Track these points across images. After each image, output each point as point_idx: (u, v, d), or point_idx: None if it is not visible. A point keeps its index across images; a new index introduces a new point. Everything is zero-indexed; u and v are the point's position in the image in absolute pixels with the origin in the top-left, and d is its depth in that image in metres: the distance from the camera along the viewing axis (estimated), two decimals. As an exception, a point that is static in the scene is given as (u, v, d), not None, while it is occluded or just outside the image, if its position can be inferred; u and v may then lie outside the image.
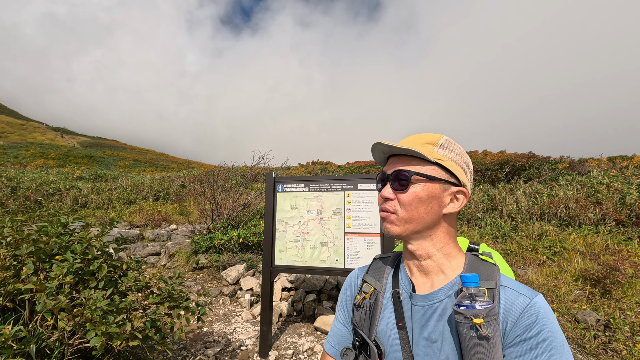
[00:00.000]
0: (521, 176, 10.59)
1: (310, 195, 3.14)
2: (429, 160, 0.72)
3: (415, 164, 0.73)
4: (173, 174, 18.16)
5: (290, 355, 3.08)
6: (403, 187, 0.72)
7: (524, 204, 6.80)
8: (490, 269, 0.70)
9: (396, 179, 0.73)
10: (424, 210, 0.72)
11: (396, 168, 0.74)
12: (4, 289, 1.89)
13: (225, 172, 8.81)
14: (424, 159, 0.72)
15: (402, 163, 0.74)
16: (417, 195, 0.71)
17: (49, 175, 14.65)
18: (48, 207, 9.92)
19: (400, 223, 0.73)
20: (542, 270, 4.32)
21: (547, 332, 0.61)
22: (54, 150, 31.85)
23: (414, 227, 0.73)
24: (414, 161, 0.73)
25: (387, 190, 0.75)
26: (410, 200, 0.72)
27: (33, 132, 55.93)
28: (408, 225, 0.73)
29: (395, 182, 0.74)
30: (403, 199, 0.72)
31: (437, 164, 0.72)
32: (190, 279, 5.21)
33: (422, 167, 0.72)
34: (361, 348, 0.78)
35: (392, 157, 0.78)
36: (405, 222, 0.73)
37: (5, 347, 1.59)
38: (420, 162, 0.73)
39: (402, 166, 0.73)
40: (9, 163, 22.19)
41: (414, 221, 0.72)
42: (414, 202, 0.72)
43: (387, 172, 0.76)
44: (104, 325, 1.73)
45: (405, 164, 0.73)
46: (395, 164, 0.75)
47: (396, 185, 0.73)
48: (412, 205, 0.72)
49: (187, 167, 33.67)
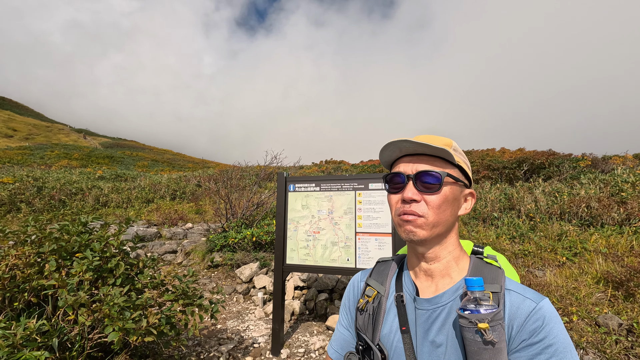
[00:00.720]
0: (540, 174, 10.27)
1: (321, 195, 3.15)
2: (451, 162, 0.71)
3: (439, 165, 0.70)
4: (189, 174, 18.55)
5: (302, 353, 3.11)
6: (433, 189, 0.68)
7: (543, 203, 6.59)
8: (495, 272, 0.69)
9: (423, 180, 0.69)
10: (450, 212, 0.70)
11: (422, 168, 0.70)
12: (28, 285, 1.99)
13: (239, 171, 8.93)
14: (446, 161, 0.71)
15: (425, 163, 0.70)
16: (446, 197, 0.69)
17: (72, 175, 15.23)
18: (71, 205, 10.31)
19: (428, 227, 0.69)
20: (562, 271, 4.19)
21: (553, 336, 0.60)
22: (77, 151, 33.10)
23: (439, 231, 0.70)
24: (438, 162, 0.70)
25: (412, 191, 0.69)
26: (441, 202, 0.69)
27: (58, 133, 58.24)
28: (435, 229, 0.69)
29: (420, 182, 0.69)
30: (433, 201, 0.68)
31: (458, 165, 0.72)
32: (205, 276, 5.32)
33: (447, 169, 0.70)
34: (364, 352, 0.76)
35: (407, 157, 0.73)
36: (433, 225, 0.69)
37: (30, 340, 1.67)
38: (443, 163, 0.71)
39: (428, 166, 0.70)
40: (35, 164, 23.20)
41: (441, 224, 0.69)
42: (443, 204, 0.69)
43: (407, 172, 0.71)
44: (121, 320, 1.79)
45: (429, 164, 0.70)
46: (415, 163, 0.71)
47: (422, 186, 0.69)
48: (441, 207, 0.69)
49: (203, 166, 34.32)
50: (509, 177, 10.88)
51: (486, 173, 11.32)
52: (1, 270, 1.96)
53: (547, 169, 10.49)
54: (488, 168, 11.71)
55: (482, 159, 13.94)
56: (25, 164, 22.86)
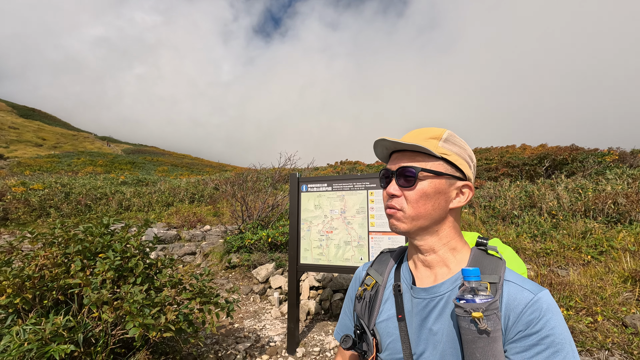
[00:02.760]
0: (563, 171, 9.90)
1: (333, 194, 3.17)
2: (434, 155, 0.71)
3: (421, 159, 0.72)
4: (207, 177, 18.96)
5: (317, 352, 3.13)
6: (410, 184, 0.71)
7: (566, 200, 6.36)
8: (495, 263, 0.69)
9: (402, 175, 0.72)
10: (431, 206, 0.71)
11: (401, 164, 0.73)
12: (56, 284, 2.11)
13: (255, 174, 9.07)
14: (429, 154, 0.72)
15: (407, 159, 0.73)
16: (424, 191, 0.71)
17: (97, 181, 15.88)
18: (96, 210, 10.76)
19: (408, 220, 0.72)
20: (586, 270, 4.03)
21: (550, 327, 0.59)
22: (101, 158, 34.47)
23: (422, 224, 0.72)
24: (419, 156, 0.72)
25: (393, 187, 0.73)
26: (417, 196, 0.71)
27: (83, 141, 60.83)
28: (415, 222, 0.72)
29: (401, 178, 0.72)
30: (410, 196, 0.71)
31: (442, 158, 0.72)
32: (223, 277, 5.43)
33: (428, 163, 0.71)
34: (361, 337, 0.80)
35: (396, 153, 0.76)
36: (412, 219, 0.72)
37: (57, 335, 1.77)
38: (425, 157, 0.72)
39: (407, 162, 0.72)
40: (63, 170, 24.32)
41: (421, 217, 0.71)
42: (421, 198, 0.71)
43: (391, 168, 0.75)
44: (140, 317, 1.87)
45: (410, 160, 0.72)
46: (399, 160, 0.74)
47: (402, 181, 0.72)
48: (419, 201, 0.71)
49: (220, 170, 35.01)
50: (530, 174, 10.55)
51: (505, 170, 11.01)
52: (31, 270, 2.09)
53: (570, 165, 10.10)
54: (507, 165, 11.39)
55: (502, 156, 13.57)
56: (54, 171, 24.02)
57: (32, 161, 28.18)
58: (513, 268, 0.76)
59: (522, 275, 0.71)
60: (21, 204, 9.86)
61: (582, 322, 2.99)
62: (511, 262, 0.77)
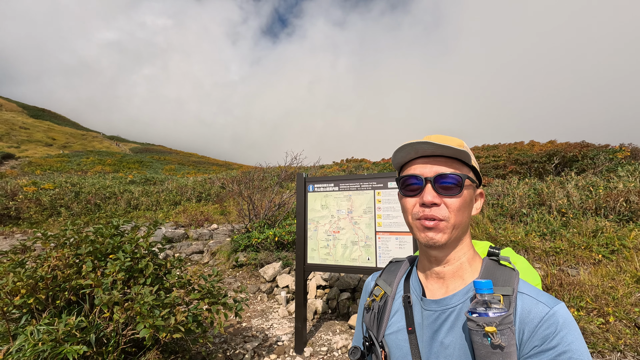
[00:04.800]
0: (573, 168, 9.74)
1: (340, 194, 3.16)
2: (467, 164, 0.70)
3: (457, 167, 0.69)
4: (214, 176, 19.08)
5: (325, 352, 3.14)
6: (455, 192, 0.67)
7: (576, 197, 6.26)
8: (508, 274, 0.67)
9: (443, 182, 0.68)
10: (467, 214, 0.70)
11: (442, 171, 0.68)
12: (68, 285, 2.14)
13: (261, 172, 9.10)
14: (463, 162, 0.70)
15: (444, 165, 0.69)
16: (465, 199, 0.69)
17: (105, 180, 16.08)
18: (106, 209, 10.91)
19: (449, 230, 0.67)
20: (597, 270, 3.97)
21: (567, 343, 0.57)
22: (109, 157, 34.90)
23: (457, 233, 0.69)
24: (455, 164, 0.69)
25: (432, 195, 0.67)
26: (461, 204, 0.68)
27: (92, 141, 61.64)
28: (455, 232, 0.68)
29: (441, 185, 0.68)
30: (454, 204, 0.67)
31: (471, 166, 0.71)
32: (231, 276, 5.47)
33: (464, 170, 0.70)
34: (370, 348, 0.79)
35: (423, 158, 0.71)
36: (453, 228, 0.68)
37: (70, 335, 1.81)
38: (460, 165, 0.70)
39: (448, 168, 0.68)
40: (73, 170, 24.69)
41: (459, 227, 0.69)
42: (462, 206, 0.68)
43: (425, 174, 0.69)
44: (151, 318, 1.89)
45: (449, 166, 0.69)
46: (433, 165, 0.69)
47: (442, 189, 0.68)
48: (461, 210, 0.68)
49: (226, 168, 35.17)
50: (539, 172, 10.40)
51: (514, 168, 10.87)
52: (44, 271, 2.13)
53: (580, 162, 9.93)
54: (516, 162, 11.24)
55: (510, 153, 13.40)
56: (64, 170, 24.40)
57: (42, 161, 28.65)
58: (527, 279, 0.74)
59: (536, 287, 0.69)
60: (33, 204, 10.04)
61: (594, 323, 2.95)
62: (525, 273, 0.76)
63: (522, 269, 0.77)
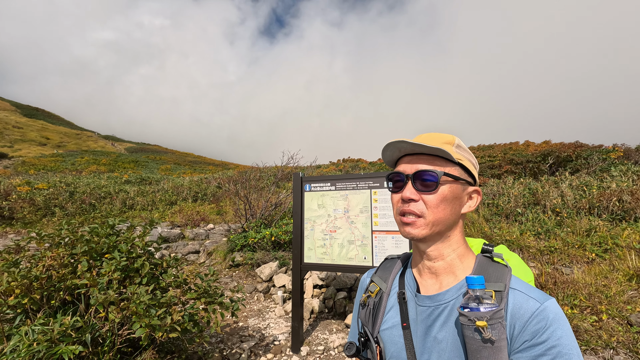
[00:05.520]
0: (567, 168, 9.84)
1: (336, 194, 3.17)
2: (451, 160, 0.70)
3: (439, 163, 0.70)
4: (210, 176, 19.01)
5: (322, 351, 3.15)
6: (431, 188, 0.69)
7: (570, 197, 6.32)
8: (501, 270, 0.68)
9: (419, 179, 0.70)
10: (449, 211, 0.70)
11: (420, 167, 0.70)
12: (63, 284, 2.13)
13: (258, 172, 9.08)
14: (446, 159, 0.71)
15: (425, 162, 0.71)
16: (444, 196, 0.69)
17: (100, 180, 15.97)
18: (101, 209, 10.83)
19: (427, 226, 0.70)
20: (591, 268, 4.02)
21: (557, 338, 0.58)
22: (104, 157, 34.63)
23: (439, 229, 0.71)
24: (437, 161, 0.70)
25: (410, 191, 0.70)
26: (438, 201, 0.69)
27: (87, 140, 61.13)
28: (434, 228, 0.70)
29: (419, 182, 0.70)
30: (431, 201, 0.69)
31: (458, 163, 0.71)
32: (227, 275, 5.46)
33: (446, 167, 0.70)
34: (365, 344, 0.80)
35: (408, 156, 0.74)
36: (432, 224, 0.70)
37: (66, 335, 1.79)
38: (443, 161, 0.70)
39: (427, 165, 0.70)
40: (67, 170, 24.47)
41: (439, 223, 0.70)
42: (441, 203, 0.69)
43: (405, 171, 0.72)
44: (147, 317, 1.89)
45: (429, 163, 0.70)
46: (414, 163, 0.72)
47: (420, 185, 0.70)
48: (439, 206, 0.69)
49: (223, 168, 35.05)
50: (534, 171, 10.50)
51: (509, 167, 10.96)
52: (39, 271, 2.11)
53: (574, 162, 10.04)
54: (511, 162, 11.33)
55: (505, 153, 13.51)
56: (58, 170, 24.17)
57: (36, 160, 28.36)
58: (519, 276, 0.75)
59: (528, 283, 0.70)
60: (26, 203, 9.94)
61: (587, 321, 2.99)
62: (518, 269, 0.77)
63: (514, 266, 0.78)
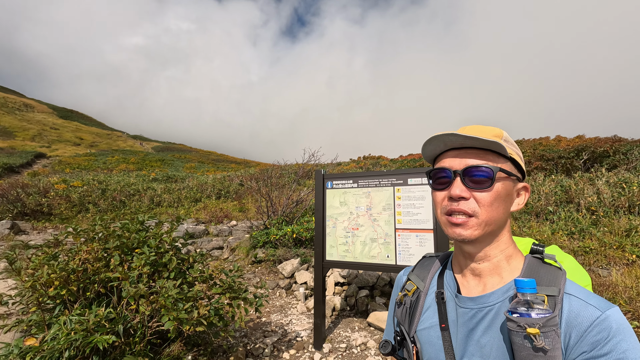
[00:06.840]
0: (603, 163, 9.28)
1: (359, 191, 3.14)
2: (503, 155, 0.66)
3: (491, 158, 0.65)
4: (232, 174, 19.41)
5: (344, 348, 3.14)
6: (484, 185, 0.64)
7: (607, 195, 5.96)
8: (554, 273, 0.63)
9: (473, 175, 0.64)
10: (502, 209, 0.65)
11: (471, 163, 0.65)
12: (97, 277, 2.23)
13: (279, 170, 9.17)
14: (498, 154, 0.66)
15: (474, 157, 0.65)
16: (499, 193, 0.64)
17: (130, 178, 16.67)
18: (130, 205, 11.32)
19: (480, 226, 0.64)
20: (631, 270, 3.77)
21: (622, 351, 0.52)
22: (133, 156, 36.13)
23: (491, 229, 0.65)
24: (489, 155, 0.65)
25: (460, 188, 0.65)
26: (492, 199, 0.64)
27: (117, 140, 63.99)
28: (487, 228, 0.65)
29: (470, 178, 0.64)
30: (484, 199, 0.64)
31: (510, 158, 0.67)
32: (250, 271, 5.56)
33: (499, 162, 0.65)
34: (401, 343, 0.77)
35: (453, 150, 0.68)
36: (485, 224, 0.64)
37: (100, 325, 1.88)
38: (494, 156, 0.65)
39: (478, 160, 0.65)
40: (99, 168, 25.73)
41: (492, 223, 0.65)
42: (495, 201, 0.64)
43: (454, 167, 0.66)
44: (175, 311, 1.95)
45: (479, 158, 0.65)
46: (463, 157, 0.66)
47: (472, 182, 0.64)
48: (494, 205, 0.64)
49: (245, 166, 35.71)
50: (566, 168, 9.98)
51: (539, 164, 10.47)
52: (75, 264, 2.23)
53: (611, 158, 9.45)
54: (541, 158, 10.82)
55: (535, 149, 12.91)
56: (91, 168, 25.47)
57: (71, 160, 30.01)
58: (575, 280, 0.69)
59: (586, 288, 0.64)
60: (63, 200, 10.55)
61: (627, 327, 2.81)
62: (573, 272, 0.71)
63: (569, 269, 0.71)
